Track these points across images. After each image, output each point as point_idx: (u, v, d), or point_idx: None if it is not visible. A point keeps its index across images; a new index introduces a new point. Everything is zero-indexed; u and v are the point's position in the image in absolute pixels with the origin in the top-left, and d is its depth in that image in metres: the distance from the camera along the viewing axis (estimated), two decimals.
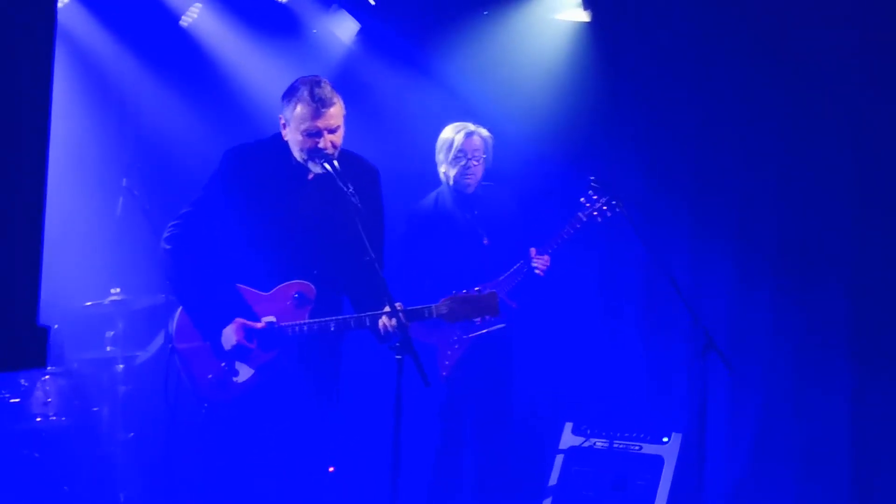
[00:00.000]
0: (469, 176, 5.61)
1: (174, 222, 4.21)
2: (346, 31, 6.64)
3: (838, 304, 5.87)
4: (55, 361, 5.58)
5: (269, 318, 4.08)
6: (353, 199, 4.00)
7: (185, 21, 6.60)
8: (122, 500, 5.74)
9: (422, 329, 5.15)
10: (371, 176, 4.30)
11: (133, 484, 5.81)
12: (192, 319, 4.17)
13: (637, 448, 5.75)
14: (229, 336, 4.06)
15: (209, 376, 4.14)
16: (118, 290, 5.95)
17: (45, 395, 5.43)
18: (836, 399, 5.86)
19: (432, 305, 4.06)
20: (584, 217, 5.49)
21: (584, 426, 5.93)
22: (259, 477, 4.13)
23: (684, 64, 6.25)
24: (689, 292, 5.18)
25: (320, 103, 4.08)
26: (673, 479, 5.60)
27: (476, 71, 6.55)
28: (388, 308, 3.91)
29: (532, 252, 5.54)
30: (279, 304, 4.12)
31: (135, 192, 5.85)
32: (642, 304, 6.39)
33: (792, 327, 5.97)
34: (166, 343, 4.32)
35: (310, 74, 4.23)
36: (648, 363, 6.35)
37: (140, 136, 6.59)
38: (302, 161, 4.16)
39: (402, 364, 3.88)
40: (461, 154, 5.60)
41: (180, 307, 4.27)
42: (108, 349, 6.02)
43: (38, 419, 5.37)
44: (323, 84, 4.14)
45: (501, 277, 5.55)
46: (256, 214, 4.14)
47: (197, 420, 4.25)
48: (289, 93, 4.17)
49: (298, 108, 4.09)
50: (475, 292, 4.13)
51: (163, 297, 5.79)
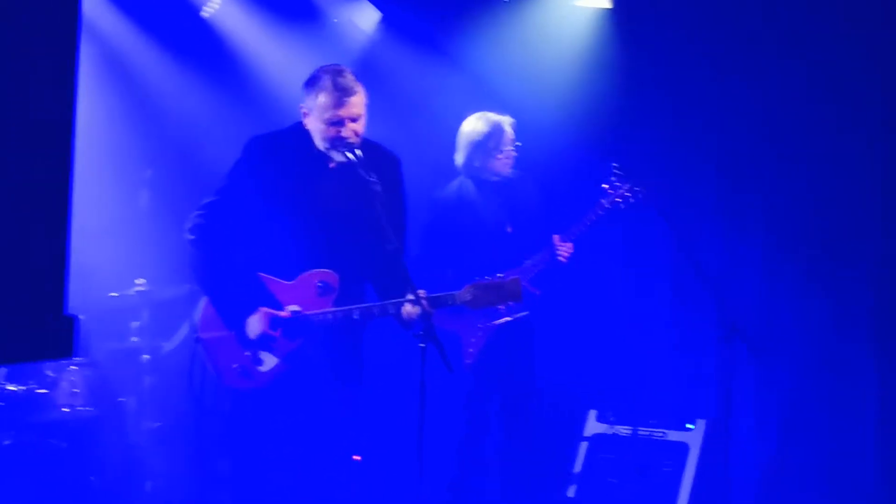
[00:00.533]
0: (508, 166, 5.61)
1: (197, 212, 4.22)
2: (367, 19, 6.65)
3: (865, 291, 5.83)
4: (81, 352, 5.61)
5: (294, 307, 4.09)
6: (375, 187, 4.00)
7: (207, 12, 6.62)
8: (148, 489, 5.77)
9: (445, 317, 5.15)
10: (393, 164, 4.30)
11: (159, 474, 5.84)
12: (217, 309, 4.18)
13: (661, 435, 5.74)
14: (254, 325, 4.07)
15: (234, 366, 4.15)
16: (143, 280, 5.97)
17: (71, 386, 5.46)
18: (862, 386, 5.82)
19: (455, 292, 4.06)
20: (608, 204, 5.48)
21: (609, 413, 5.93)
22: (285, 466, 4.14)
23: (707, 48, 6.20)
24: (715, 279, 5.15)
25: (343, 92, 4.08)
26: (698, 466, 5.59)
27: (497, 59, 6.53)
28: (412, 296, 3.91)
29: (555, 239, 5.53)
30: (303, 292, 4.12)
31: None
32: (667, 290, 6.37)
33: (819, 314, 5.93)
34: (191, 333, 4.32)
35: (331, 63, 4.23)
36: (673, 350, 6.33)
37: (163, 127, 6.61)
38: (324, 150, 4.16)
39: (425, 352, 3.89)
40: (497, 144, 5.59)
41: (205, 297, 4.28)
42: (133, 340, 6.04)
43: (65, 410, 5.40)
44: (345, 73, 4.14)
45: (525, 265, 5.54)
46: (279, 203, 4.15)
47: (222, 410, 4.26)
48: (311, 82, 4.17)
49: (321, 98, 4.09)
50: (498, 279, 4.14)
51: (187, 287, 5.79)
